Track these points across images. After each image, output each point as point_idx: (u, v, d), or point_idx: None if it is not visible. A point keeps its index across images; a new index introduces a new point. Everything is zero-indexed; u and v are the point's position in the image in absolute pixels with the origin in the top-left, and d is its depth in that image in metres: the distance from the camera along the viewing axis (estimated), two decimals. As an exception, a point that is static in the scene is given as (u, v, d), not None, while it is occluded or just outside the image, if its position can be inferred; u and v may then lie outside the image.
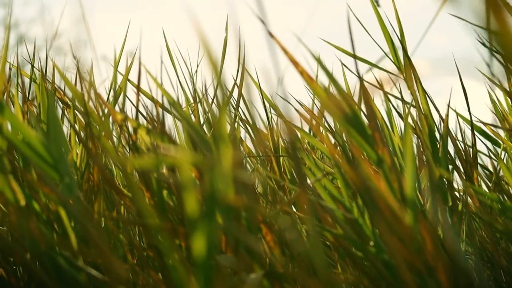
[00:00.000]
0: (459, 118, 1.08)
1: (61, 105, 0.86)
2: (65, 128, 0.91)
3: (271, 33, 0.51)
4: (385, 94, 0.91)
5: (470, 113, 0.93)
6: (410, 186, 0.54)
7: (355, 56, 0.52)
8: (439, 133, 0.86)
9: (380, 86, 0.93)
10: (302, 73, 0.53)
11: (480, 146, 1.08)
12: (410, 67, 0.84)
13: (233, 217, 0.60)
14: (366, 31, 0.88)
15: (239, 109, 0.98)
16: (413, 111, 0.87)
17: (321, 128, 1.03)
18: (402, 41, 0.85)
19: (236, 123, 1.00)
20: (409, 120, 0.90)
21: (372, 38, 0.86)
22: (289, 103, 1.05)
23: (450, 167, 0.92)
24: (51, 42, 0.93)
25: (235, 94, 0.98)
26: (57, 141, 0.60)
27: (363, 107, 0.55)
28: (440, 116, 0.89)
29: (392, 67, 0.90)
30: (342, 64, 0.89)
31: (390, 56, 0.89)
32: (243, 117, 1.03)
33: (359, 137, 0.53)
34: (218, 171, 0.47)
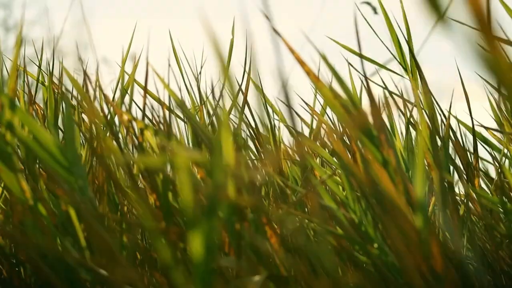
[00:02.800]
0: (459, 123, 1.08)
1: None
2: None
3: (278, 33, 0.52)
4: (390, 95, 0.92)
5: (472, 119, 0.93)
6: (420, 190, 0.54)
7: (361, 56, 0.53)
8: (441, 137, 0.86)
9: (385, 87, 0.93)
10: (309, 73, 0.54)
11: (481, 152, 1.09)
12: (416, 69, 0.85)
13: (236, 217, 0.60)
14: (374, 31, 0.88)
15: (243, 112, 0.98)
16: (415, 114, 0.88)
17: (323, 130, 1.04)
18: (409, 43, 0.85)
19: (240, 127, 1.01)
20: (411, 122, 0.91)
21: (380, 39, 0.87)
22: (292, 109, 1.05)
23: (452, 170, 0.92)
24: (55, 44, 0.93)
25: (238, 94, 0.98)
26: (71, 143, 0.61)
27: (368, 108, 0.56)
28: (442, 120, 0.90)
29: (398, 69, 0.91)
30: (349, 63, 0.90)
31: (397, 58, 0.90)
32: (247, 120, 1.03)
33: (365, 138, 0.54)
34: (221, 170, 0.47)
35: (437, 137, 0.84)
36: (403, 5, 0.85)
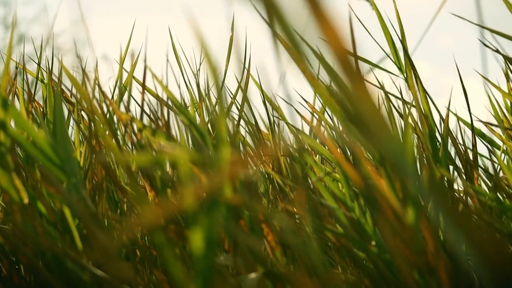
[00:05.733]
0: (459, 120, 1.08)
1: (67, 105, 0.86)
2: (70, 128, 0.91)
3: (275, 32, 0.51)
4: (386, 94, 0.92)
5: (470, 115, 0.93)
6: (411, 184, 0.54)
7: (355, 56, 0.52)
8: (440, 134, 0.86)
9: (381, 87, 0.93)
10: (305, 71, 0.54)
11: (480, 148, 1.09)
12: (411, 67, 0.85)
13: (233, 215, 0.60)
14: (367, 30, 0.88)
15: (242, 110, 0.98)
16: (414, 111, 0.88)
17: (322, 128, 1.04)
18: (403, 42, 0.86)
19: (238, 124, 1.01)
20: (410, 120, 0.91)
21: (373, 38, 0.87)
22: (291, 105, 1.06)
23: (451, 168, 0.92)
24: (53, 41, 0.93)
25: (237, 92, 0.99)
26: (63, 141, 0.61)
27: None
28: (441, 117, 0.90)
29: (393, 68, 0.91)
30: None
31: (391, 57, 0.90)
32: (245, 118, 1.03)
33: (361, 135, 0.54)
34: (218, 169, 0.47)
35: (435, 134, 0.84)
36: (396, 4, 0.85)
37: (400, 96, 0.92)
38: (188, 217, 0.46)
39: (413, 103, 0.85)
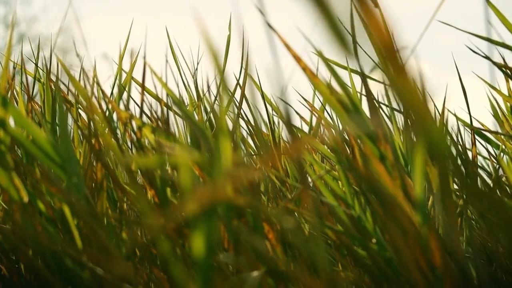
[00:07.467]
0: (458, 120, 1.08)
1: (65, 104, 0.86)
2: (69, 127, 0.91)
3: (275, 30, 0.52)
4: (387, 94, 0.92)
5: (470, 115, 0.93)
6: (419, 185, 0.54)
7: (358, 66, 0.53)
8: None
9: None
10: (305, 69, 0.54)
11: (480, 148, 1.09)
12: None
13: (234, 215, 0.60)
14: (357, 41, 0.88)
15: (241, 108, 0.98)
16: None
17: (322, 127, 1.04)
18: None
19: (238, 122, 1.01)
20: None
21: (361, 48, 0.87)
22: (290, 105, 1.05)
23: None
24: (51, 41, 0.93)
25: (237, 92, 0.99)
26: (64, 139, 0.61)
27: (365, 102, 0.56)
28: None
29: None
30: (347, 61, 0.89)
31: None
32: (245, 116, 1.03)
33: (362, 133, 0.54)
34: (218, 168, 0.47)
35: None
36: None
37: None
38: (188, 218, 0.46)
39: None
